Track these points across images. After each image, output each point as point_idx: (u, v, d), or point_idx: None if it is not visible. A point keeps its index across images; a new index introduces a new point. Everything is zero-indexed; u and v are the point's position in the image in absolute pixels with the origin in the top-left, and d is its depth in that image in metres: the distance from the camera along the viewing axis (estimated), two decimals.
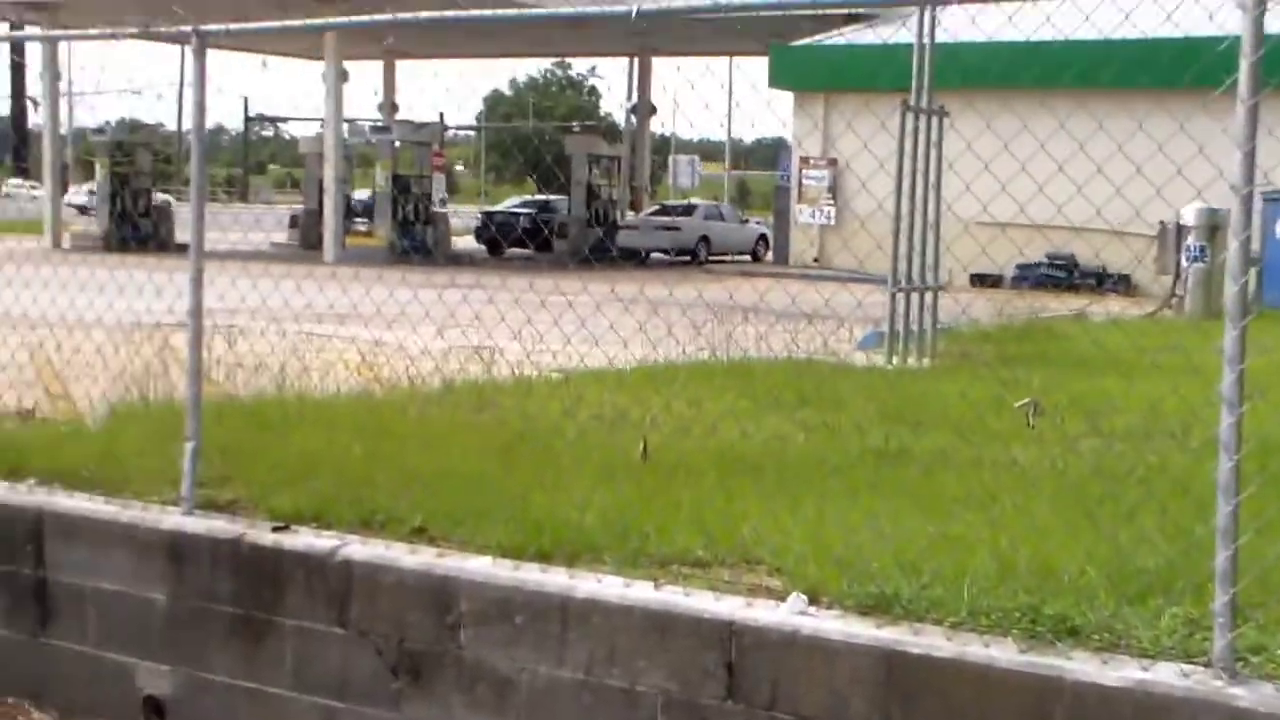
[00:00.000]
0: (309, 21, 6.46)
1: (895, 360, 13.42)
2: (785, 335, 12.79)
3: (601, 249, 33.49)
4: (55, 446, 7.57)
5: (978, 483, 6.53)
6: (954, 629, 4.94)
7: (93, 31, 6.99)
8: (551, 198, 42.86)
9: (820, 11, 26.37)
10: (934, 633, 4.93)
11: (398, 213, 35.28)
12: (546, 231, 35.84)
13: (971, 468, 7.01)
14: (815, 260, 33.00)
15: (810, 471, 7.02)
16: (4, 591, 6.81)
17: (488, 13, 5.86)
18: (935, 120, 13.96)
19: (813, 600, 5.26)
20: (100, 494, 6.90)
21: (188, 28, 6.00)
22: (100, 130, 37.77)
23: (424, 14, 5.75)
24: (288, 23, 6.35)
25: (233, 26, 6.13)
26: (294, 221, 39.78)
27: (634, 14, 5.20)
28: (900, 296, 13.87)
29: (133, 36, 6.43)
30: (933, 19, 13.78)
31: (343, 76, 34.44)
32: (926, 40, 13.89)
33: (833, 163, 32.49)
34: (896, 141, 13.54)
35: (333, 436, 7.51)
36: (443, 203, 37.90)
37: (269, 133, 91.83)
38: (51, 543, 6.70)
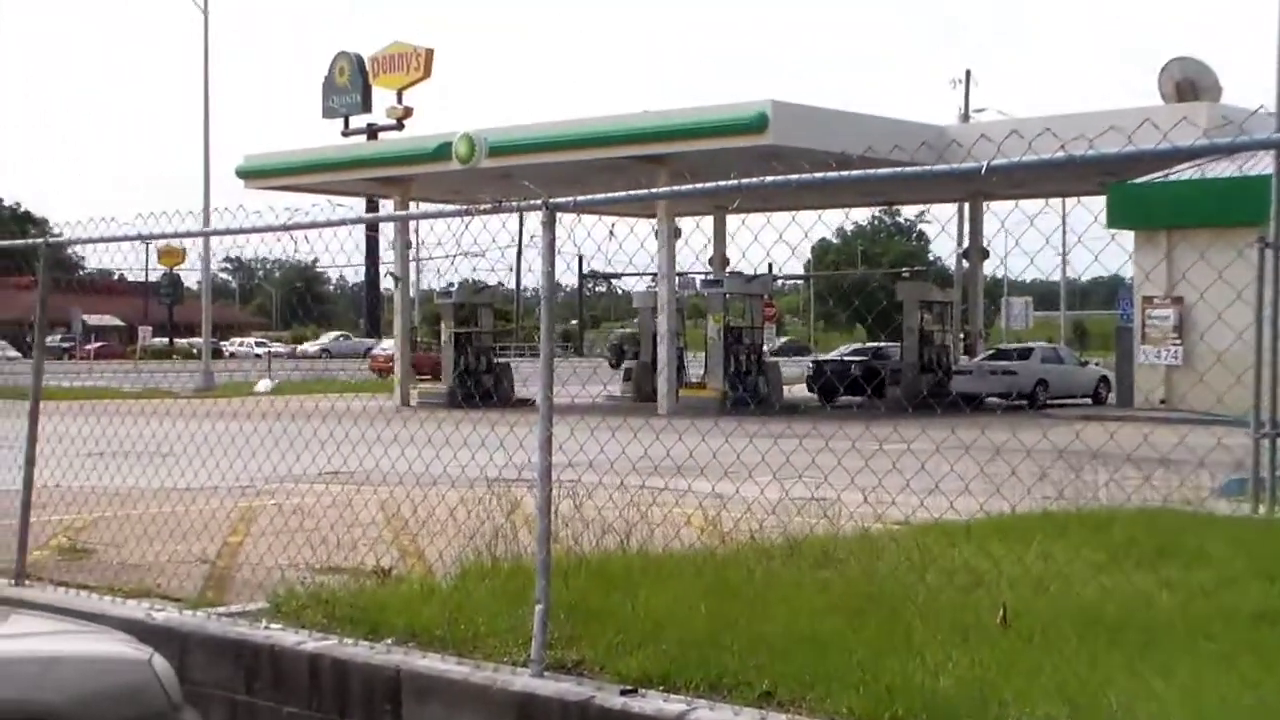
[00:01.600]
0: (654, 190, 6.58)
1: (1263, 509, 12.61)
2: (1136, 481, 12.19)
3: (936, 395, 32.95)
4: (410, 606, 7.75)
5: None
6: None
7: (449, 208, 7.29)
8: (883, 344, 42.59)
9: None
10: None
11: (730, 363, 35.63)
12: (879, 378, 35.54)
13: None
14: (1162, 402, 31.65)
15: (1179, 633, 6.58)
16: None
17: (832, 174, 5.80)
18: None
19: None
20: (453, 654, 7.02)
21: (538, 200, 6.20)
22: (446, 292, 39.59)
23: (770, 178, 5.76)
24: (633, 192, 6.50)
25: (580, 199, 6.29)
26: (628, 374, 40.64)
27: (984, 169, 5.08)
28: (1266, 441, 13.06)
29: (485, 212, 6.69)
30: None
31: (675, 233, 35.24)
32: None
33: (1178, 301, 31.30)
34: (1255, 278, 12.87)
35: (678, 596, 7.46)
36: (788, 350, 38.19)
37: (602, 288, 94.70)
38: (408, 701, 6.82)
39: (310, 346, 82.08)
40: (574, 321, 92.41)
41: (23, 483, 9.57)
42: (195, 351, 62.06)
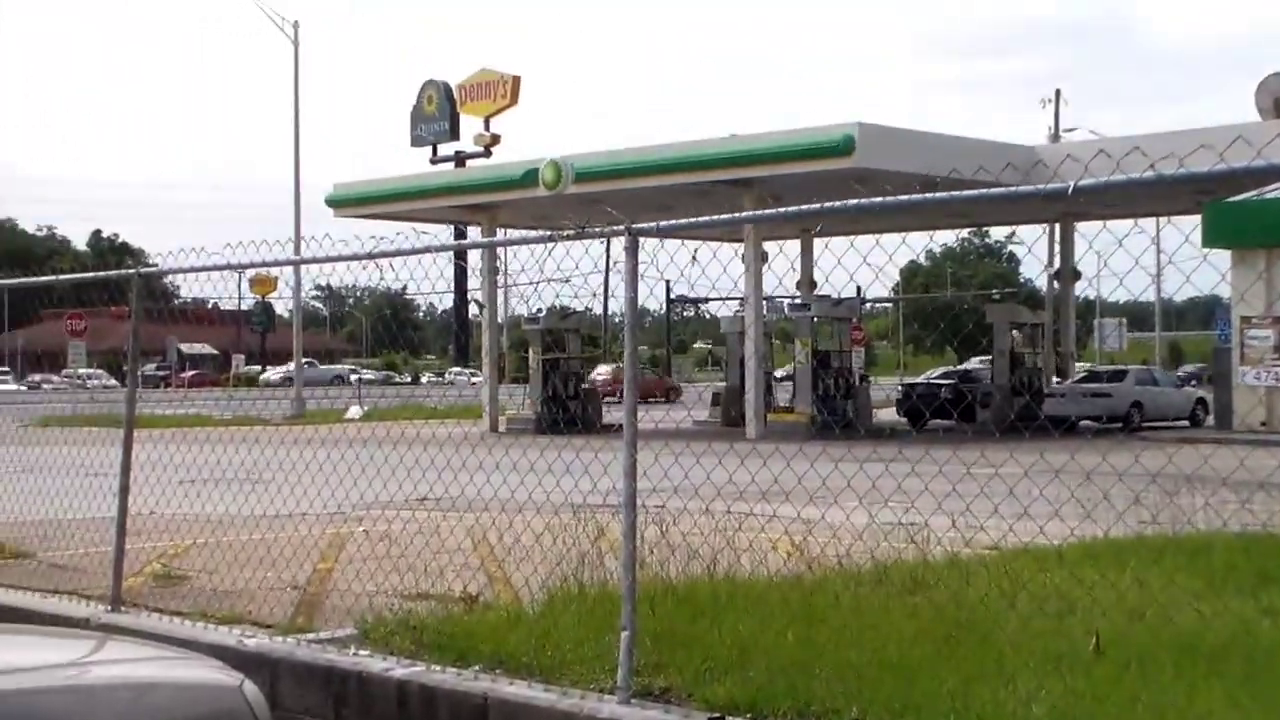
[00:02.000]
0: (738, 215, 6.59)
1: None
2: (1234, 506, 11.95)
3: (1026, 418, 32.59)
4: (497, 633, 7.77)
5: None
6: None
7: (532, 235, 7.31)
8: (973, 367, 42.23)
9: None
10: None
11: (818, 387, 35.48)
12: (969, 401, 35.20)
13: None
14: (1263, 424, 31.08)
15: None
16: None
17: (917, 196, 5.76)
18: None
19: None
20: (539, 680, 7.01)
21: (621, 226, 6.20)
22: (533, 319, 39.75)
23: (851, 201, 5.73)
24: (716, 217, 6.48)
25: (662, 224, 6.29)
26: (716, 399, 40.55)
27: (1071, 189, 5.01)
28: None
29: (568, 238, 6.69)
30: None
31: (762, 257, 35.18)
32: None
33: (1278, 321, 30.75)
34: None
35: (764, 622, 7.41)
36: (862, 379, 37.98)
37: (690, 312, 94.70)
38: None
39: (274, 374, 77.41)
40: (660, 349, 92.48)
41: (118, 510, 9.71)
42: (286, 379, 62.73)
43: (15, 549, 12.72)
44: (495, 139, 49.88)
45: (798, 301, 38.67)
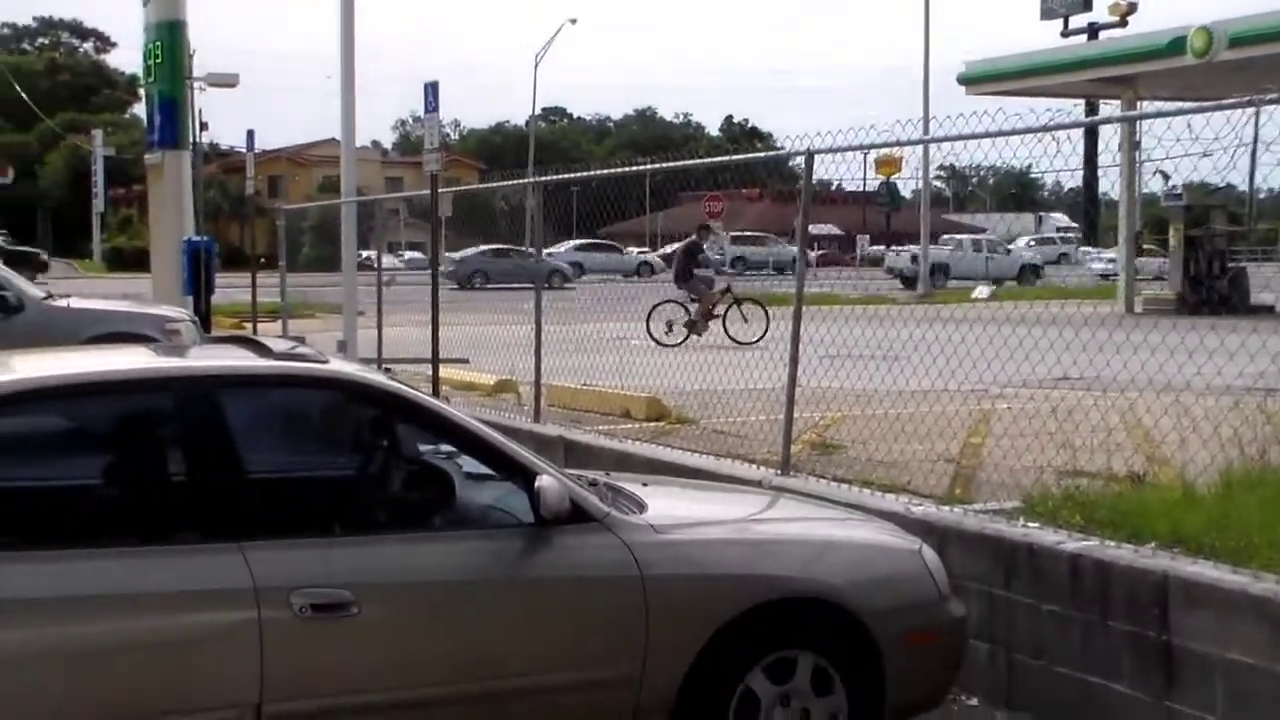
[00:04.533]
0: None
1: None
2: None
3: None
4: (1171, 512, 7.52)
5: None
6: None
7: (1227, 102, 6.84)
8: None
9: None
10: None
11: None
12: None
13: None
14: None
15: None
16: (1130, 652, 6.85)
17: None
18: None
19: None
20: (1224, 563, 6.74)
21: None
22: (1174, 195, 37.81)
23: None
24: None
25: None
26: None
27: None
28: None
29: (1232, 106, 6.25)
30: None
31: None
32: None
33: None
34: None
35: None
36: None
37: None
38: (1175, 608, 6.63)
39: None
40: None
41: (788, 379, 10.15)
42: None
43: (680, 415, 13.61)
44: (1131, 8, 47.67)
45: None
